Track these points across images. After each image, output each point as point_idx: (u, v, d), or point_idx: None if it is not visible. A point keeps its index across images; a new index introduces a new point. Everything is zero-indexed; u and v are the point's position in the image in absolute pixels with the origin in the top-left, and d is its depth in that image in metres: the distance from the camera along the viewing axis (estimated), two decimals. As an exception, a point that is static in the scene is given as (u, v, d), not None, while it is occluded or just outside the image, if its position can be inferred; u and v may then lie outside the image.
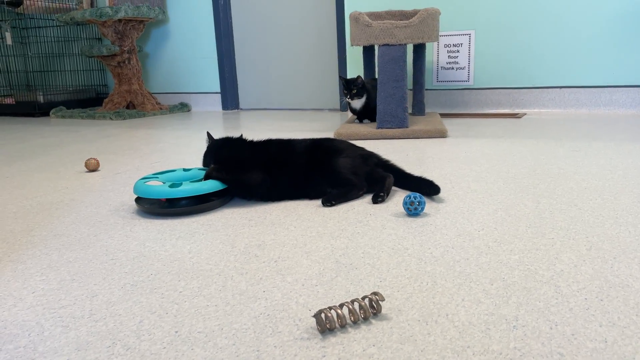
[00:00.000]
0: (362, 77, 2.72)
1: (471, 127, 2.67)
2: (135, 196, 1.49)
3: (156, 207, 1.33)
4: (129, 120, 3.69)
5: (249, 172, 1.40)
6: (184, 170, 1.51)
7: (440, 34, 3.29)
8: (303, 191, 1.44)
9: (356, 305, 0.80)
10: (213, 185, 1.36)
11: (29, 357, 0.70)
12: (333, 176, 1.42)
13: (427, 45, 3.30)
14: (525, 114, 3.11)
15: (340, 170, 1.42)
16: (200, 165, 1.95)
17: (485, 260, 0.96)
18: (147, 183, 1.35)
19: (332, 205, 1.35)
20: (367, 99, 2.67)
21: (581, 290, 0.82)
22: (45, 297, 0.88)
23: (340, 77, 2.70)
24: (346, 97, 2.64)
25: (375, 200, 1.35)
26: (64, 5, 4.31)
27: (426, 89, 3.41)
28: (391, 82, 2.39)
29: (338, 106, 3.85)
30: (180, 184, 1.32)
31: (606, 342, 0.67)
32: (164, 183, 1.35)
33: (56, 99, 4.33)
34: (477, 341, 0.69)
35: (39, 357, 0.70)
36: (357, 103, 2.68)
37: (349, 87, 2.62)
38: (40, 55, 4.43)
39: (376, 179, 1.43)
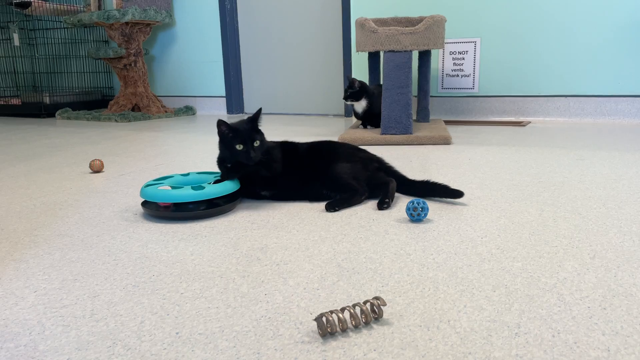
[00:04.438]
0: (368, 82, 2.73)
1: (475, 134, 2.66)
2: (142, 200, 1.48)
3: (169, 211, 1.32)
4: (134, 123, 3.70)
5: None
6: (182, 175, 1.51)
7: (445, 41, 3.30)
8: (302, 193, 1.44)
9: (358, 309, 0.80)
10: (232, 186, 1.38)
11: (29, 356, 0.70)
12: (333, 181, 1.42)
13: (433, 52, 3.30)
14: (530, 122, 3.11)
15: (340, 176, 1.41)
16: (203, 168, 1.95)
17: (488, 267, 0.95)
18: (160, 188, 1.34)
19: (335, 210, 1.35)
20: (370, 104, 2.68)
21: (584, 299, 0.81)
22: (47, 297, 0.88)
23: (347, 77, 2.71)
24: (345, 100, 2.68)
25: (380, 207, 1.35)
26: (72, 7, 4.33)
27: (431, 96, 3.41)
28: (396, 88, 2.39)
29: (343, 112, 3.85)
30: (204, 187, 1.32)
31: (609, 351, 0.67)
32: (178, 187, 1.34)
33: (62, 101, 4.35)
34: (479, 348, 0.69)
35: (39, 355, 0.70)
36: (359, 107, 2.69)
37: (346, 89, 2.66)
38: (47, 56, 4.46)
39: (378, 183, 1.43)
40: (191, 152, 2.34)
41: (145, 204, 1.38)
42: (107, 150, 2.46)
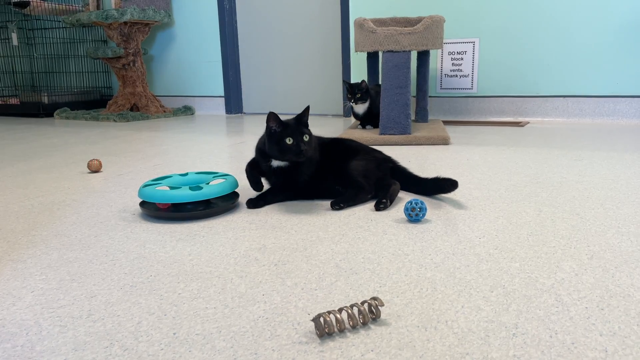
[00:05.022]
0: (366, 82, 2.73)
1: (474, 134, 2.66)
2: (140, 200, 1.48)
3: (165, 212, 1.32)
4: (133, 123, 3.70)
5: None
6: (180, 175, 1.50)
7: (444, 41, 3.30)
8: (317, 190, 1.45)
9: (355, 310, 0.80)
10: (230, 186, 1.38)
11: (26, 356, 0.70)
12: (344, 177, 1.42)
13: (431, 52, 3.30)
14: (528, 122, 3.11)
15: (351, 172, 1.42)
16: (202, 168, 1.95)
17: (485, 267, 0.95)
18: (157, 188, 1.34)
19: (341, 208, 1.36)
20: (370, 104, 2.68)
21: (582, 299, 0.81)
22: (44, 297, 0.88)
23: (344, 81, 2.71)
24: (350, 101, 2.66)
25: (377, 207, 1.35)
26: (70, 7, 4.33)
27: (429, 96, 3.41)
28: (395, 88, 2.39)
29: (342, 112, 3.85)
30: (201, 187, 1.32)
31: (606, 351, 0.67)
32: (176, 188, 1.34)
33: (61, 100, 4.34)
34: (476, 348, 0.68)
35: (36, 356, 0.70)
36: (360, 108, 2.69)
37: (353, 91, 2.63)
38: (46, 56, 4.45)
39: (383, 185, 1.43)
40: (190, 152, 2.34)
41: (143, 204, 1.38)
42: (106, 150, 2.45)
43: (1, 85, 4.62)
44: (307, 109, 1.36)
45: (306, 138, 1.31)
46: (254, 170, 1.45)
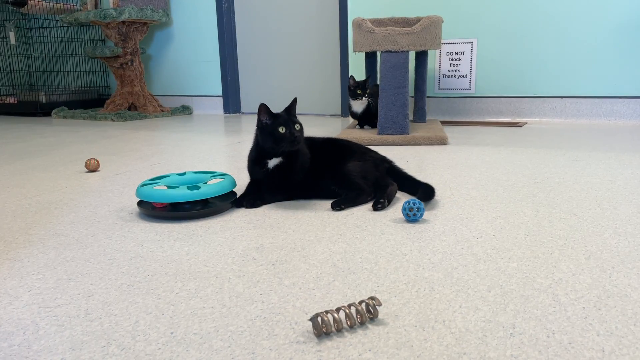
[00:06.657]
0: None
1: (472, 135, 2.67)
2: (138, 199, 1.48)
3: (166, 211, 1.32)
4: (131, 122, 3.69)
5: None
6: (178, 174, 1.50)
7: (442, 41, 3.30)
8: (313, 190, 1.45)
9: (353, 309, 0.80)
10: (228, 185, 1.38)
11: (23, 356, 0.70)
12: (342, 178, 1.42)
13: (429, 52, 3.31)
14: (526, 122, 3.11)
15: (350, 174, 1.42)
16: (199, 168, 1.95)
17: (483, 267, 0.95)
18: (155, 187, 1.34)
19: (341, 209, 1.36)
20: (369, 104, 2.68)
21: (579, 299, 0.81)
22: (41, 296, 0.88)
23: (351, 76, 2.69)
24: (360, 98, 2.63)
25: (375, 207, 1.35)
26: (68, 6, 4.32)
27: (428, 97, 3.41)
28: (393, 88, 2.39)
29: (339, 111, 3.85)
30: (199, 187, 1.32)
31: (603, 351, 0.67)
32: (174, 187, 1.34)
33: (58, 99, 4.33)
34: (474, 348, 0.69)
35: (33, 355, 0.70)
36: (359, 107, 2.69)
37: (363, 87, 2.62)
38: (44, 55, 4.44)
39: (381, 185, 1.43)
40: (188, 152, 2.34)
41: (141, 203, 1.38)
42: (103, 150, 2.45)
43: (-1, 84, 4.61)
44: (295, 100, 1.41)
45: (297, 127, 1.36)
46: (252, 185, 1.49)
